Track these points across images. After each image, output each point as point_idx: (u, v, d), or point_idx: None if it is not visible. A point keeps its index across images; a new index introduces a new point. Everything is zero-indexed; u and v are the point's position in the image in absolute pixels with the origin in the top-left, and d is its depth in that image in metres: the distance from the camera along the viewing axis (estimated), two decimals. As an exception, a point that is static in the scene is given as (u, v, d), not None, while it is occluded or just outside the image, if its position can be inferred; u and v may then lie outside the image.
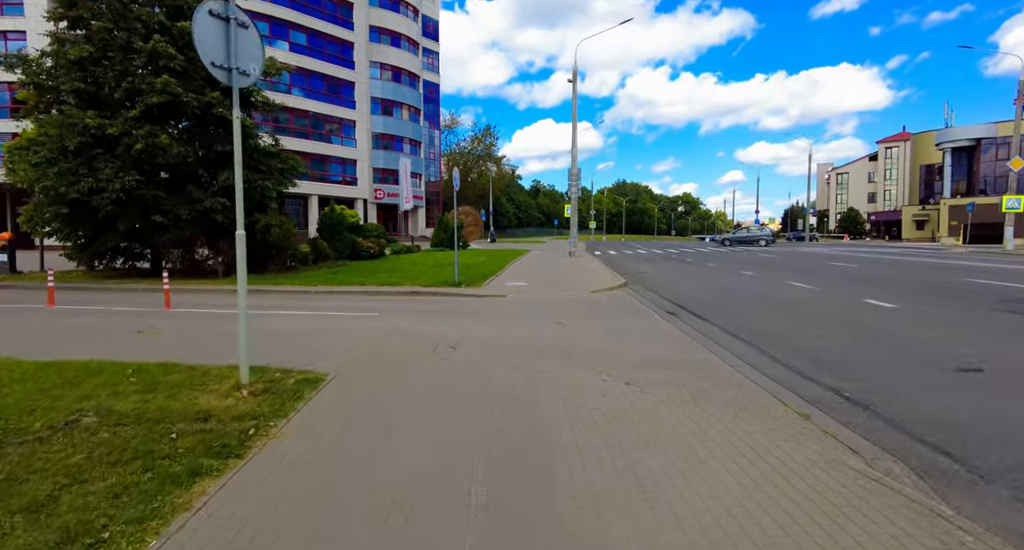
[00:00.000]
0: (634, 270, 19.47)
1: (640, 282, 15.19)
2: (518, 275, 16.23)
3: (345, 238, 20.28)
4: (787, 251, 34.45)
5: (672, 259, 26.67)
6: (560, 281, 14.55)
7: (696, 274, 17.77)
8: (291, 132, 43.63)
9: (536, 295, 11.92)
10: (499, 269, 17.69)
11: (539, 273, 17.10)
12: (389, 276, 14.83)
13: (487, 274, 15.78)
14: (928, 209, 58.20)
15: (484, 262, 20.98)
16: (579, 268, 19.28)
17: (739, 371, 5.69)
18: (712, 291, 13.07)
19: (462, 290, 12.41)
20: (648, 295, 12.42)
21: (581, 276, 16.08)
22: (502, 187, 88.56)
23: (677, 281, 15.63)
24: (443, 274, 15.28)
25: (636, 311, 9.88)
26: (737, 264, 21.91)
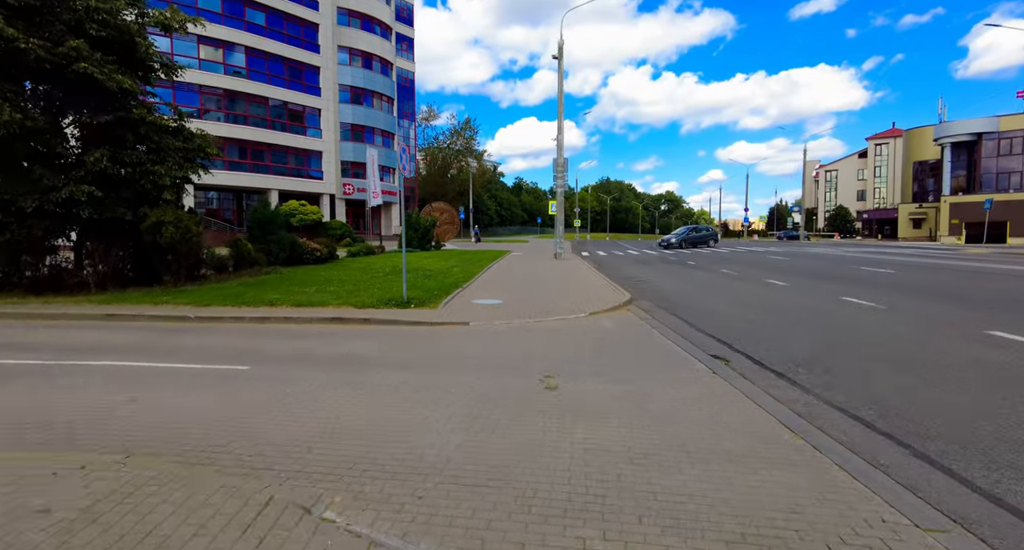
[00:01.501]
0: (632, 276, 16.09)
1: (648, 295, 11.78)
2: (492, 286, 12.70)
3: (281, 239, 16.54)
4: (793, 251, 31.42)
5: (670, 261, 23.34)
6: (546, 295, 11.06)
7: (712, 283, 14.42)
8: (247, 120, 39.53)
9: (513, 320, 8.40)
10: (470, 277, 14.15)
11: (519, 283, 13.59)
12: (319, 290, 11.19)
13: (452, 285, 12.22)
14: (925, 207, 56.00)
15: (453, 267, 17.41)
16: (568, 274, 15.82)
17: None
18: (753, 312, 9.68)
19: (410, 313, 8.84)
20: (667, 319, 8.98)
21: (572, 287, 12.62)
22: (483, 184, 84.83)
23: (693, 294, 12.24)
24: (393, 286, 11.69)
25: (664, 353, 6.43)
26: (748, 268, 18.66)
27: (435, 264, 18.75)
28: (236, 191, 41.78)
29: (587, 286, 12.82)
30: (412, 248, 28.90)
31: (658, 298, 11.50)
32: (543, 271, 17.12)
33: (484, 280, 14.02)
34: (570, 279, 14.51)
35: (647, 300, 11.20)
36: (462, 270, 16.40)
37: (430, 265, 18.28)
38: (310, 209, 36.36)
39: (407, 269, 15.70)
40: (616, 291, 11.79)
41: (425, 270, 16.06)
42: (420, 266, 17.58)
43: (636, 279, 15.52)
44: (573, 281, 13.98)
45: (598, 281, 14.01)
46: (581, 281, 13.98)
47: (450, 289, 11.56)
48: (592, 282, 13.74)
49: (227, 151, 38.70)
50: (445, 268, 17.10)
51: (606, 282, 13.77)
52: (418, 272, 15.18)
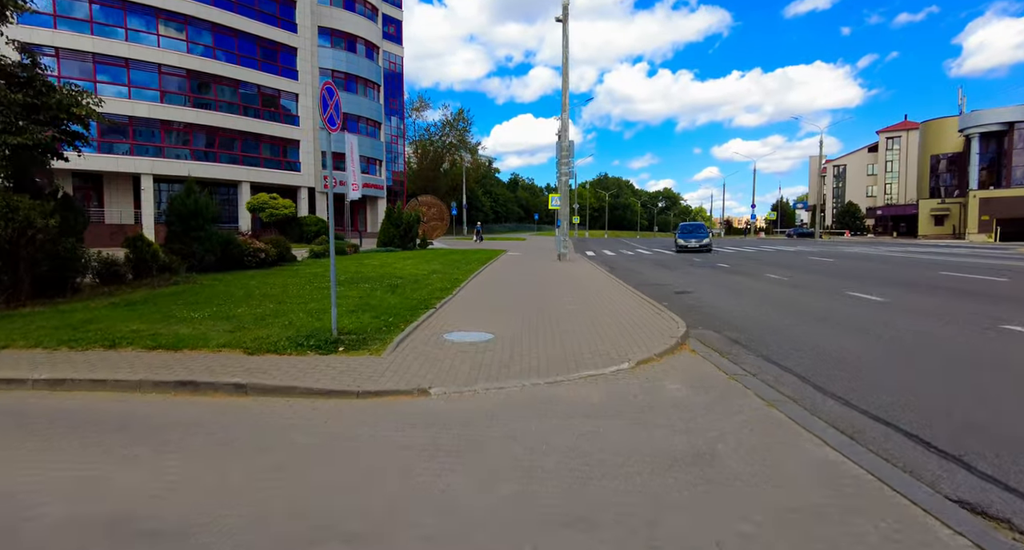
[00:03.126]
0: (661, 284, 12.42)
1: (702, 319, 8.10)
2: (480, 305, 8.99)
3: (209, 237, 12.76)
4: (828, 251, 27.78)
5: (695, 263, 19.66)
6: (559, 322, 7.38)
7: (772, 295, 10.74)
8: (215, 105, 35.63)
9: (510, 382, 4.71)
10: (450, 290, 10.43)
11: (518, 298, 9.88)
12: (216, 315, 7.46)
13: (421, 304, 8.52)
14: (948, 202, 52.55)
15: (433, 273, 13.71)
16: (580, 283, 12.13)
17: None
18: (914, 358, 5.99)
19: (329, 365, 5.12)
20: (767, 372, 5.30)
21: (593, 304, 8.93)
22: (477, 178, 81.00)
23: (763, 316, 8.56)
24: (338, 305, 8.00)
25: (855, 496, 2.75)
26: (800, 273, 14.99)
27: (412, 268, 15.02)
28: (204, 184, 37.77)
29: (612, 303, 9.13)
30: (395, 247, 25.13)
31: (719, 323, 7.84)
32: (547, 278, 13.42)
33: (469, 294, 10.30)
34: (585, 291, 10.80)
35: (706, 327, 7.54)
36: (443, 277, 12.68)
37: (405, 269, 14.56)
38: (282, 203, 32.58)
39: (370, 278, 12.00)
40: (657, 313, 8.10)
41: (395, 278, 12.34)
42: (391, 272, 13.86)
43: (668, 289, 11.84)
44: (590, 294, 10.28)
45: (623, 294, 10.32)
46: (601, 294, 10.28)
47: (416, 311, 7.84)
48: (616, 296, 10.04)
49: (193, 139, 34.87)
50: (423, 274, 13.38)
51: (634, 296, 10.08)
52: (382, 281, 11.46)
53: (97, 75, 30.80)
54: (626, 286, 11.68)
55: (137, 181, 32.95)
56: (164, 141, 33.52)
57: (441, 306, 8.49)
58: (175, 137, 34.28)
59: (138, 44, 31.85)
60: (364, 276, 12.50)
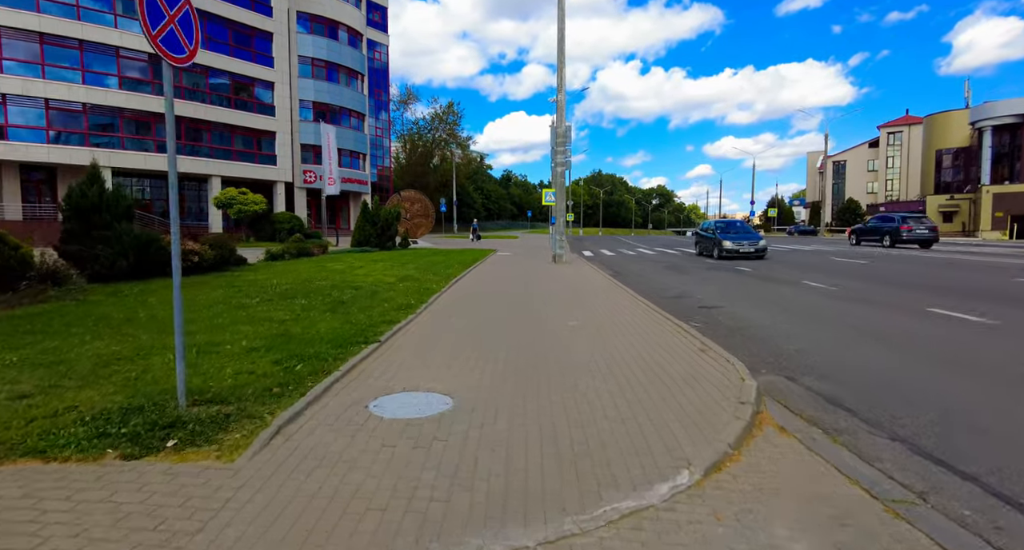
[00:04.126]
0: (682, 296, 10.00)
1: (762, 354, 5.69)
2: (443, 338, 6.49)
3: (120, 238, 10.21)
4: (847, 250, 25.49)
5: (710, 267, 17.27)
6: (559, 378, 4.87)
7: (842, 315, 8.33)
8: (181, 92, 32.85)
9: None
10: (410, 309, 7.94)
11: (500, 324, 7.40)
12: (32, 361, 4.95)
13: (358, 334, 6.04)
14: (958, 198, 50.49)
15: (399, 282, 11.25)
16: (583, 298, 9.69)
17: None
18: None
19: (101, 504, 2.63)
20: (942, 485, 2.87)
21: (605, 335, 6.48)
22: (469, 174, 78.40)
23: (855, 351, 6.13)
24: (240, 341, 5.57)
25: None
26: (845, 279, 12.61)
27: (380, 274, 12.53)
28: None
29: (630, 328, 6.68)
30: (368, 247, 22.59)
31: (784, 360, 5.44)
32: (541, 287, 10.96)
33: (438, 314, 7.81)
34: (589, 306, 8.35)
35: (770, 368, 5.15)
36: (413, 287, 10.19)
37: (371, 275, 12.06)
38: (252, 198, 29.92)
39: (325, 285, 9.55)
40: (695, 344, 5.67)
41: (350, 288, 9.85)
42: (350, 279, 11.36)
43: (691, 301, 9.41)
44: (597, 312, 7.83)
45: (640, 312, 7.88)
46: (611, 311, 7.83)
47: (350, 347, 5.37)
48: (632, 315, 7.59)
49: (156, 129, 32.11)
50: (388, 282, 10.89)
51: (655, 315, 7.64)
52: (329, 294, 8.96)
53: (46, 58, 27.99)
54: (639, 299, 9.24)
55: (94, 175, 30.19)
56: (123, 131, 30.75)
57: (391, 336, 6.00)
58: (136, 127, 31.52)
59: (93, 24, 29.03)
60: (311, 287, 9.99)
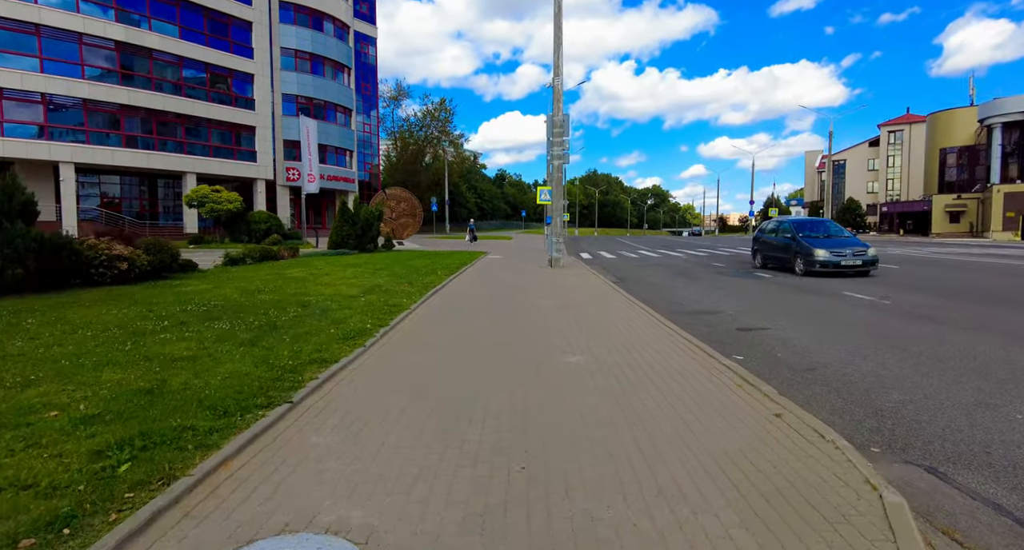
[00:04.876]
0: (707, 312, 8.15)
1: (863, 412, 3.85)
2: (390, 390, 4.63)
3: (12, 241, 8.26)
4: (899, 255, 23.75)
5: (724, 272, 15.45)
6: (562, 482, 3.07)
7: (919, 341, 6.49)
8: (151, 84, 30.79)
9: None
10: (360, 338, 6.05)
11: (476, 364, 5.49)
12: None
13: (268, 385, 4.17)
14: (965, 198, 49.00)
15: (363, 294, 9.38)
16: (587, 317, 7.82)
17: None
18: None
19: None
20: None
21: (624, 385, 4.63)
22: (462, 173, 76.45)
23: (996, 414, 4.29)
24: (77, 397, 3.68)
25: None
26: (892, 289, 10.80)
27: (346, 283, 10.61)
28: (143, 175, 33.05)
29: (657, 367, 4.82)
30: (346, 249, 20.65)
31: (914, 438, 3.59)
32: (534, 301, 9.08)
33: (395, 346, 5.93)
34: (597, 330, 6.49)
35: (898, 454, 3.32)
36: (377, 302, 8.29)
37: (334, 285, 10.15)
38: (226, 196, 27.84)
39: (269, 299, 8.07)
40: (773, 416, 3.84)
41: (300, 303, 7.95)
42: (306, 291, 9.45)
43: (720, 319, 7.56)
44: (608, 339, 5.97)
45: (666, 340, 6.03)
46: (630, 344, 5.97)
47: (247, 411, 3.49)
48: (656, 344, 5.73)
49: (124, 123, 30.02)
50: (351, 294, 8.99)
51: (687, 346, 5.79)
52: (266, 313, 7.05)
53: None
54: (656, 317, 7.38)
55: (58, 170, 28.03)
56: (88, 124, 28.62)
57: (315, 389, 4.11)
58: (102, 120, 29.41)
59: (51, 8, 26.88)
60: (251, 302, 8.08)
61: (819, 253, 13.15)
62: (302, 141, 27.86)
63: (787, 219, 16.41)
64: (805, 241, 13.86)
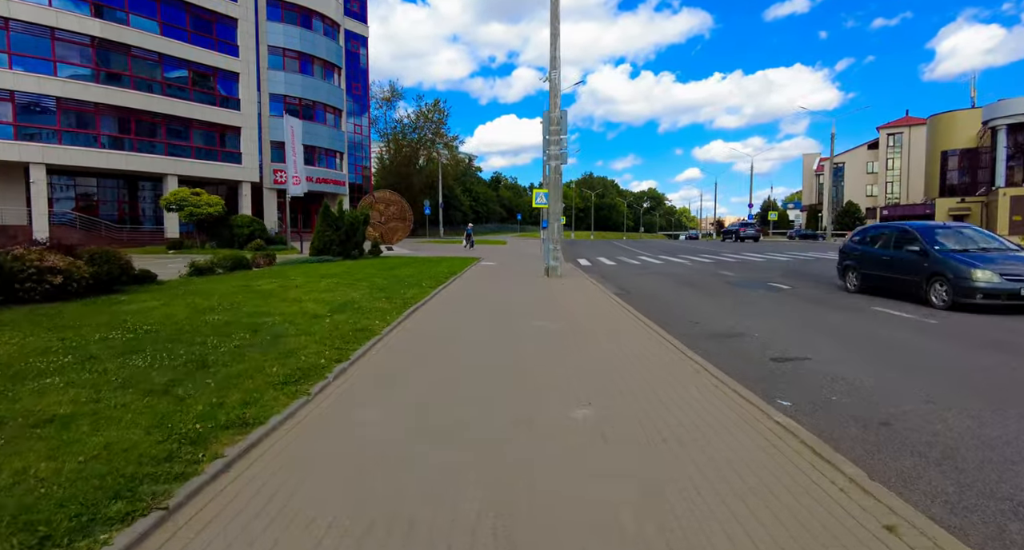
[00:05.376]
0: (731, 335, 6.94)
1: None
2: (310, 505, 3.40)
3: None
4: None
5: (734, 283, 14.29)
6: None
7: (993, 378, 5.33)
8: (131, 81, 29.48)
9: None
10: (308, 382, 4.85)
11: (449, 431, 4.32)
12: None
13: (127, 484, 2.95)
14: (969, 201, 48.16)
15: (333, 313, 8.15)
16: (596, 345, 6.61)
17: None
18: None
19: None
20: None
21: (650, 453, 3.48)
22: (457, 176, 75.24)
23: None
24: None
25: None
26: (924, 304, 9.66)
27: (313, 298, 9.37)
28: (122, 177, 31.69)
29: (696, 438, 3.63)
30: (329, 256, 19.38)
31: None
32: (529, 322, 7.87)
33: (340, 403, 4.72)
34: (608, 367, 5.29)
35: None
36: (341, 325, 7.05)
37: (298, 302, 8.90)
38: (206, 199, 26.57)
39: (218, 321, 7.16)
40: (883, 531, 2.64)
41: (251, 327, 6.71)
42: (265, 309, 8.19)
43: (749, 345, 6.38)
44: (624, 385, 4.77)
45: (693, 383, 4.84)
46: (647, 386, 4.77)
47: (105, 512, 2.26)
48: (690, 399, 4.53)
49: (100, 122, 28.68)
50: (316, 313, 7.76)
51: (729, 397, 4.60)
52: (202, 345, 5.77)
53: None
54: (674, 345, 6.19)
55: (28, 172, 26.64)
56: (60, 124, 27.26)
57: (210, 480, 2.88)
58: (76, 119, 28.06)
59: (21, 1, 25.54)
60: (192, 325, 6.83)
61: (980, 276, 8.67)
62: (286, 141, 26.58)
63: (902, 224, 11.79)
64: (949, 256, 9.31)
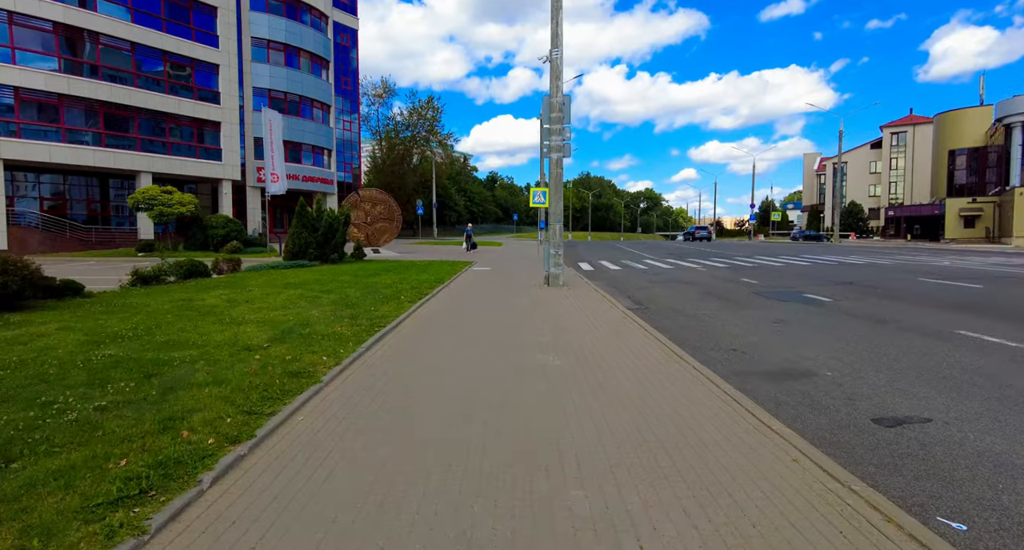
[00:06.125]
0: (798, 372, 5.16)
1: None
2: None
3: None
4: (917, 263, 20.90)
5: (763, 293, 12.49)
6: None
7: None
8: (99, 72, 27.49)
9: None
10: (138, 512, 2.96)
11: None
12: None
13: None
14: (981, 201, 46.54)
15: (265, 347, 6.26)
16: (620, 398, 4.76)
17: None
18: None
19: None
20: None
21: None
22: (451, 175, 73.34)
23: None
24: None
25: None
26: (1015, 325, 7.89)
27: (257, 319, 7.49)
28: (92, 174, 29.69)
29: None
30: (305, 261, 17.48)
31: None
32: (526, 355, 6.03)
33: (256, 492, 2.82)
34: (646, 445, 3.45)
35: None
36: (279, 360, 5.18)
37: (237, 325, 7.03)
38: (179, 198, 24.64)
39: (122, 356, 4.92)
40: None
41: (159, 360, 4.85)
42: (189, 338, 6.30)
43: (839, 397, 4.60)
44: (680, 502, 2.92)
45: (795, 489, 2.97)
46: (716, 490, 2.92)
47: None
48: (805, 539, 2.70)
49: (65, 115, 26.67)
50: (252, 345, 5.89)
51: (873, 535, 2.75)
52: (30, 413, 3.92)
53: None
54: (728, 394, 4.38)
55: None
56: (19, 116, 25.25)
57: None
58: (38, 112, 26.06)
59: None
60: (70, 364, 4.97)
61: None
62: (264, 136, 24.69)
63: None
64: None
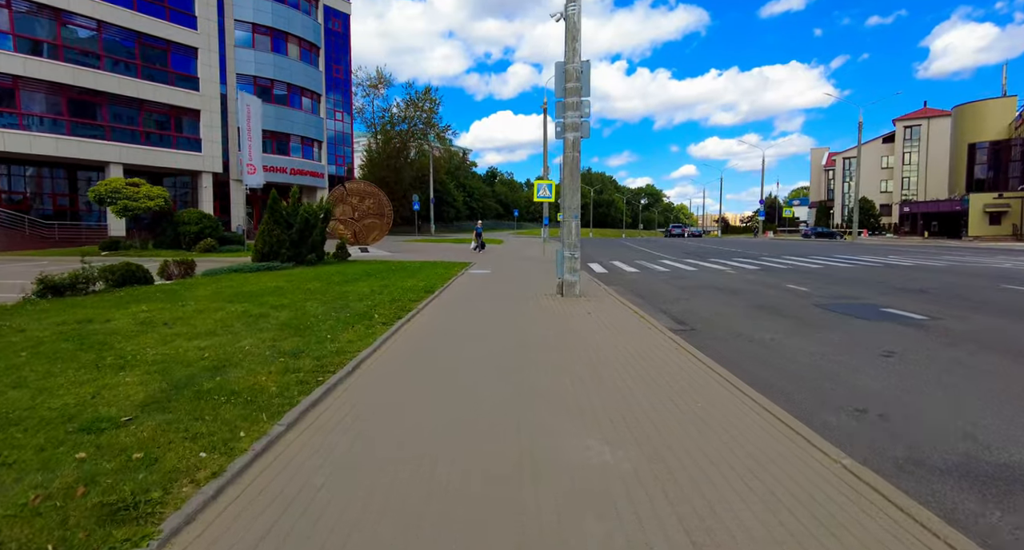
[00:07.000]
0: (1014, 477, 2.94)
1: None
2: None
3: None
4: (983, 265, 18.58)
5: (826, 307, 10.16)
6: None
7: None
8: (61, 52, 25.02)
9: None
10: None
11: None
12: None
13: None
14: (1008, 197, 44.13)
15: (139, 412, 3.85)
16: None
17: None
18: None
19: None
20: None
21: None
22: (450, 170, 70.91)
23: None
24: None
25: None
26: None
27: (167, 356, 5.15)
28: (58, 166, 27.29)
29: None
30: (276, 262, 15.09)
31: None
32: (553, 449, 3.69)
33: None
34: None
35: None
36: (115, 470, 2.86)
37: (134, 363, 4.68)
38: (146, 191, 22.23)
39: None
40: None
41: None
42: (11, 398, 3.94)
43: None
44: None
45: None
46: None
47: None
48: None
49: (22, 99, 24.24)
50: (121, 406, 3.54)
51: None
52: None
53: None
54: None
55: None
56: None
57: None
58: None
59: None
60: None
61: None
62: (241, 124, 22.34)
63: None
64: None
